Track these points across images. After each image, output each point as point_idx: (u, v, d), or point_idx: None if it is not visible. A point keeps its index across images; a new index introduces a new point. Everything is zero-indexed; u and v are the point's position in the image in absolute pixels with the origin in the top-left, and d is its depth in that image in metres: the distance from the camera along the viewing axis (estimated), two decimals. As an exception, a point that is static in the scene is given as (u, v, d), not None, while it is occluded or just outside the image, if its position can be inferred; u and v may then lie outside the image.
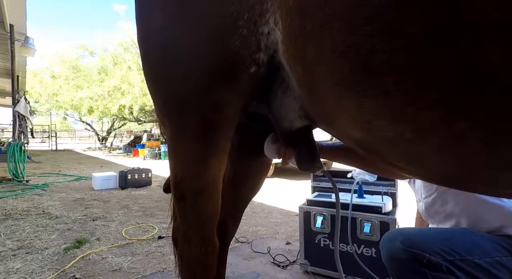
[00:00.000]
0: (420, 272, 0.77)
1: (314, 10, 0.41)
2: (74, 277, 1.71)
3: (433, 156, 0.40)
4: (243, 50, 0.56)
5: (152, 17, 0.68)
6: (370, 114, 0.41)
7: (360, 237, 1.57)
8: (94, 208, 3.40)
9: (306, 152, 0.73)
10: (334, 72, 0.41)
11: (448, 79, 0.32)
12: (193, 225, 0.79)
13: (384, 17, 0.33)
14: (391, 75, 0.36)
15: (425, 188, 1.03)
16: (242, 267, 1.85)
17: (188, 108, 0.67)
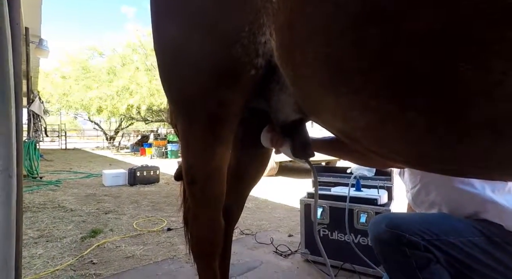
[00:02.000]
0: (400, 250, 0.88)
1: (300, 26, 0.52)
2: (91, 262, 1.86)
3: (395, 139, 0.51)
4: (244, 56, 0.67)
5: (167, 28, 0.79)
6: (345, 108, 0.52)
7: (357, 227, 1.67)
8: (105, 202, 3.56)
9: (299, 141, 0.84)
10: (316, 75, 0.53)
11: (398, 80, 0.43)
12: (202, 206, 0.91)
13: (350, 33, 0.45)
14: (359, 77, 0.47)
15: (411, 179, 1.14)
16: (246, 256, 1.98)
17: (197, 106, 0.79)
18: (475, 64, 0.35)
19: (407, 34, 0.39)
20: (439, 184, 1.02)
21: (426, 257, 0.85)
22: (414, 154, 0.54)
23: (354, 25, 0.44)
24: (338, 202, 1.74)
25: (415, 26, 0.38)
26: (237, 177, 1.15)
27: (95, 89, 10.60)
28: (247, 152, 1.13)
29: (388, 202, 1.75)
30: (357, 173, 1.77)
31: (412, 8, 0.37)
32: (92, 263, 1.86)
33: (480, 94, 0.37)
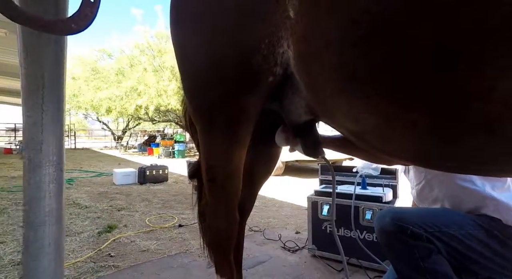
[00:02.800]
0: (404, 241, 0.95)
1: (316, 39, 0.59)
2: (109, 255, 1.96)
3: (400, 138, 0.58)
4: (264, 65, 0.73)
5: (192, 39, 0.84)
6: (356, 111, 0.60)
7: (362, 223, 1.74)
8: (117, 200, 3.68)
9: (310, 141, 0.92)
10: (331, 82, 0.60)
11: (403, 87, 0.51)
12: (221, 202, 0.99)
13: (362, 46, 0.52)
14: (368, 84, 0.54)
15: (415, 177, 1.20)
16: (255, 251, 2.05)
17: (219, 110, 0.85)
18: (470, 72, 0.42)
19: (410, 47, 0.46)
20: (441, 181, 1.09)
21: (428, 247, 0.92)
22: (417, 152, 0.61)
23: (365, 39, 0.50)
24: (344, 199, 1.81)
25: (418, 40, 0.45)
26: (249, 174, 1.22)
27: (104, 89, 10.81)
28: (258, 151, 1.21)
29: (393, 200, 1.81)
30: (363, 172, 1.84)
31: (415, 25, 0.45)
32: (110, 255, 1.96)
33: (474, 98, 0.44)
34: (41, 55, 0.56)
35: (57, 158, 0.64)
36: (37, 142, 0.60)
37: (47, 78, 0.58)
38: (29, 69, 0.58)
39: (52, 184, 0.63)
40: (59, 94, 0.62)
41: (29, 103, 0.60)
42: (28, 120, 0.60)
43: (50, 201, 0.63)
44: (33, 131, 0.60)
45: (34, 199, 0.62)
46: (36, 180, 0.62)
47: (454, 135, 0.50)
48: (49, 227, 0.61)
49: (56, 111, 0.62)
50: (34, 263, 0.57)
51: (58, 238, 0.63)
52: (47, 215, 0.62)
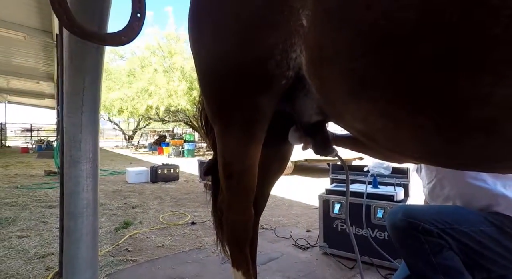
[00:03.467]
0: (415, 237, 0.97)
1: (327, 46, 0.63)
2: (127, 250, 2.05)
3: (407, 137, 0.62)
4: (277, 69, 0.78)
5: (212, 48, 0.89)
6: (365, 113, 0.64)
7: (374, 222, 1.76)
8: (131, 198, 3.79)
9: (320, 140, 0.96)
10: (341, 86, 0.64)
11: (409, 91, 0.54)
12: (237, 197, 1.04)
13: (371, 53, 0.56)
14: (376, 88, 0.58)
15: (427, 175, 1.22)
16: (267, 248, 2.10)
17: (236, 110, 0.91)
18: (470, 79, 0.46)
19: (415, 56, 0.50)
20: (453, 179, 1.11)
21: (439, 243, 0.94)
22: (423, 152, 0.64)
23: (373, 49, 0.55)
24: (355, 198, 1.83)
25: (423, 50, 0.49)
26: (262, 172, 1.27)
27: (116, 90, 11.05)
28: (271, 150, 1.25)
29: (404, 198, 1.82)
30: (374, 171, 1.86)
31: (419, 36, 0.49)
32: (128, 250, 2.04)
33: (475, 101, 0.48)
34: (84, 61, 0.62)
35: (93, 155, 0.70)
36: (77, 140, 0.66)
37: (87, 82, 0.64)
38: (73, 74, 0.64)
39: (89, 179, 0.69)
40: (96, 96, 0.68)
41: (71, 105, 0.66)
42: (69, 120, 0.66)
43: (88, 194, 0.69)
44: (73, 131, 0.66)
45: (73, 192, 0.68)
46: (75, 175, 0.69)
47: (457, 135, 0.53)
48: (87, 218, 0.67)
49: (93, 112, 0.68)
50: (74, 251, 0.63)
51: (94, 229, 0.69)
52: (85, 207, 0.68)
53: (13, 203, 3.28)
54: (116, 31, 0.58)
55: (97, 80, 0.67)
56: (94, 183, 0.70)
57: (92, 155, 0.69)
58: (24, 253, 1.95)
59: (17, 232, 2.35)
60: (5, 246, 2.05)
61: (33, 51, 7.67)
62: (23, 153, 11.59)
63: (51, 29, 5.62)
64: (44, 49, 7.53)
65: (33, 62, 8.81)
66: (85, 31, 0.53)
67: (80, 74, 0.62)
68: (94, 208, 0.70)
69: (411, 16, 0.48)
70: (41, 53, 7.91)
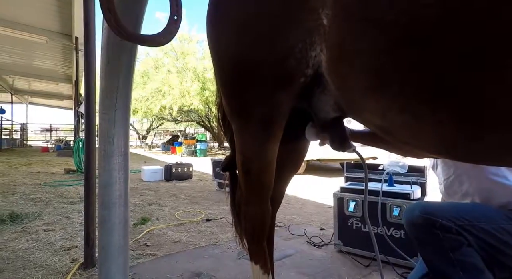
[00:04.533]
0: (434, 233, 0.97)
1: (348, 45, 0.65)
2: (145, 245, 2.12)
3: (426, 133, 0.63)
4: (296, 67, 0.80)
5: (233, 47, 0.91)
6: (384, 109, 0.65)
7: (390, 220, 1.75)
8: (147, 195, 3.89)
9: (338, 136, 0.97)
10: (361, 83, 0.66)
11: (429, 88, 0.55)
12: (255, 192, 1.07)
13: (392, 52, 0.58)
14: (397, 85, 0.60)
15: (444, 171, 1.21)
16: (281, 245, 2.12)
17: (255, 107, 0.93)
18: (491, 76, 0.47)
19: (436, 54, 0.52)
20: (472, 175, 1.10)
21: (458, 240, 0.94)
22: (443, 147, 0.65)
23: (393, 47, 0.56)
24: (371, 196, 1.83)
25: (443, 48, 0.51)
26: (278, 168, 1.29)
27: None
28: (287, 146, 1.28)
29: (421, 197, 1.81)
30: (390, 170, 1.85)
31: (440, 34, 0.50)
32: (146, 245, 2.11)
33: (495, 97, 0.49)
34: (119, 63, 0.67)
35: (125, 150, 0.75)
36: (110, 135, 0.71)
37: (121, 82, 0.69)
38: (109, 74, 0.69)
39: (121, 171, 0.74)
40: (128, 95, 0.73)
41: (106, 102, 0.72)
42: (103, 116, 0.72)
43: (120, 186, 0.75)
44: (107, 126, 0.71)
45: (108, 184, 0.73)
46: (109, 168, 0.74)
47: (477, 132, 0.54)
48: (119, 208, 0.72)
49: (125, 109, 0.73)
50: (108, 238, 0.68)
51: (125, 218, 0.74)
52: (118, 198, 0.73)
53: (38, 199, 3.44)
54: (156, 33, 0.62)
55: (129, 80, 0.72)
56: (125, 175, 0.75)
57: (124, 150, 0.74)
58: (51, 245, 2.06)
59: (43, 226, 2.47)
60: (33, 239, 2.16)
61: (53, 54, 7.99)
62: (43, 152, 12.07)
63: (71, 33, 5.85)
64: (63, 52, 7.83)
65: (53, 65, 9.18)
66: (129, 33, 0.57)
67: (115, 75, 0.67)
68: (126, 199, 0.75)
69: (433, 13, 0.50)
70: (61, 56, 8.23)
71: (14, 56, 8.38)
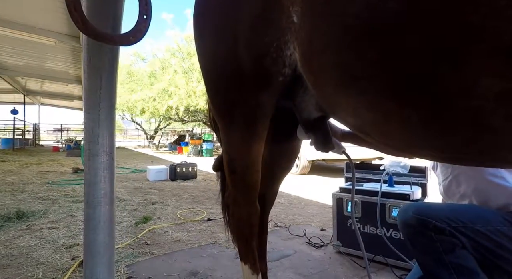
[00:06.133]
0: (426, 235, 0.95)
1: (316, 41, 0.64)
2: (146, 243, 2.14)
3: (396, 131, 0.61)
4: (274, 66, 0.80)
5: (214, 49, 0.93)
6: (355, 106, 0.64)
7: (389, 221, 1.72)
8: (151, 195, 3.94)
9: (321, 136, 0.96)
10: (330, 80, 0.65)
11: (395, 83, 0.53)
12: (242, 192, 1.06)
13: (355, 47, 0.56)
14: (363, 81, 0.58)
15: (442, 172, 1.18)
16: (280, 245, 2.11)
17: (238, 107, 0.93)
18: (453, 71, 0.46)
19: (398, 48, 0.50)
20: (470, 176, 1.07)
21: (452, 242, 0.92)
22: (416, 145, 0.63)
23: (357, 41, 0.55)
24: (370, 197, 1.80)
25: (405, 42, 0.49)
26: (270, 168, 1.28)
27: (138, 91, 11.50)
28: (278, 145, 1.27)
29: (421, 198, 1.77)
30: (390, 170, 1.82)
31: (401, 28, 0.49)
32: (146, 244, 2.14)
33: (458, 93, 0.47)
34: (101, 61, 0.67)
35: (110, 149, 0.76)
36: (95, 135, 0.72)
37: (104, 80, 0.70)
38: (91, 73, 0.70)
39: (106, 170, 0.75)
40: (112, 94, 0.74)
41: (90, 102, 0.72)
42: (88, 116, 0.72)
43: (105, 185, 0.75)
44: (92, 126, 0.72)
45: (92, 183, 0.74)
46: (94, 167, 0.75)
47: (445, 128, 0.52)
48: (104, 207, 0.73)
49: (110, 109, 0.74)
50: (93, 236, 0.69)
51: (110, 217, 0.74)
52: (102, 196, 0.74)
53: (45, 198, 3.52)
54: (124, 32, 0.63)
55: (112, 78, 0.73)
56: (110, 174, 0.76)
57: (109, 149, 0.75)
58: (53, 243, 2.10)
59: (48, 224, 2.53)
60: (37, 236, 2.22)
61: (63, 55, 8.17)
62: (54, 151, 12.36)
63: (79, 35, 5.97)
64: (72, 54, 8.00)
65: (63, 66, 9.39)
66: (97, 32, 0.58)
67: (98, 73, 0.68)
68: (111, 198, 0.75)
69: (394, 6, 0.48)
70: (70, 57, 8.41)
71: (27, 58, 8.61)
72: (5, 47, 7.57)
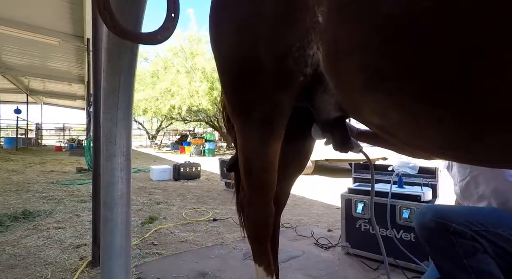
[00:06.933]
0: (447, 238, 0.93)
1: (343, 42, 0.63)
2: (153, 243, 2.13)
3: (426, 131, 0.60)
4: (295, 66, 0.79)
5: (234, 48, 0.91)
6: (382, 107, 0.62)
7: (399, 222, 1.70)
8: (155, 194, 3.93)
9: (339, 136, 0.95)
10: (357, 80, 0.63)
11: (427, 84, 0.52)
12: (257, 193, 1.05)
13: (386, 47, 0.54)
14: (393, 82, 0.57)
15: (459, 172, 1.17)
16: (288, 246, 2.10)
17: (255, 107, 0.92)
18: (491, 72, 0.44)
19: (431, 48, 0.49)
20: (489, 176, 1.05)
21: (473, 246, 0.90)
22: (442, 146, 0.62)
23: (388, 42, 0.54)
24: (380, 198, 1.78)
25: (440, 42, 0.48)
26: (283, 168, 1.27)
27: (141, 91, 11.51)
28: (291, 146, 1.26)
29: (432, 199, 1.75)
30: (399, 171, 1.80)
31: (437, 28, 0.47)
32: (153, 244, 2.13)
33: (498, 93, 0.45)
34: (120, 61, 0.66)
35: (127, 150, 0.75)
36: (112, 135, 0.71)
37: (122, 80, 0.68)
38: (110, 73, 0.69)
39: (123, 171, 0.74)
40: (130, 94, 0.73)
41: (108, 102, 0.71)
42: (105, 116, 0.71)
43: (122, 186, 0.74)
44: (109, 126, 0.71)
45: (109, 183, 0.73)
46: (111, 167, 0.74)
47: (477, 131, 0.51)
48: (121, 208, 0.72)
49: (127, 109, 0.73)
50: (110, 238, 0.68)
51: (127, 218, 0.73)
52: (120, 197, 0.73)
53: (50, 197, 3.52)
54: (152, 31, 0.62)
55: (131, 78, 0.72)
56: (127, 175, 0.75)
57: (126, 149, 0.74)
58: (61, 243, 2.10)
59: (54, 223, 2.53)
60: (44, 236, 2.21)
61: (66, 55, 8.19)
62: (57, 151, 12.38)
63: (83, 34, 5.98)
64: (76, 53, 8.02)
65: (66, 66, 9.41)
66: (126, 31, 0.57)
67: (117, 73, 0.67)
68: (128, 199, 0.74)
69: (429, 5, 0.47)
70: (74, 57, 8.43)
71: (30, 58, 8.64)
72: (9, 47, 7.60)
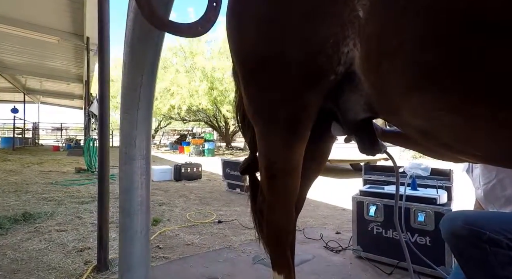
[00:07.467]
0: (480, 247, 0.88)
1: (389, 37, 0.58)
2: (158, 247, 2.08)
3: (480, 136, 0.55)
4: (327, 64, 0.73)
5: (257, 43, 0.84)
6: (430, 108, 0.57)
7: (414, 226, 1.66)
8: (157, 195, 3.87)
9: (367, 139, 0.90)
10: (402, 80, 0.58)
11: (490, 84, 0.47)
12: (281, 198, 1.00)
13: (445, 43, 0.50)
14: (449, 81, 0.51)
15: (483, 175, 1.13)
16: (297, 249, 2.02)
17: (281, 107, 0.86)
18: None
19: (501, 44, 0.44)
20: (515, 180, 1.01)
21: (509, 255, 0.85)
22: (498, 152, 0.57)
23: (447, 37, 0.49)
24: (392, 200, 1.74)
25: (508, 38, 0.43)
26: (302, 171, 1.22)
27: (140, 91, 11.41)
28: (310, 147, 1.21)
29: (448, 202, 1.71)
30: (411, 173, 1.76)
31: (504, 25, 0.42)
32: (159, 247, 2.07)
33: None
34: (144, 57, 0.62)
35: (147, 153, 0.70)
36: (132, 137, 0.66)
37: (145, 78, 0.64)
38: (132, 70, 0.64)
39: (143, 176, 0.69)
40: (151, 93, 0.68)
41: (128, 101, 0.66)
42: (125, 116, 0.66)
43: (142, 191, 0.69)
44: (129, 127, 0.66)
45: (129, 189, 0.68)
46: (131, 171, 0.69)
47: None
48: (141, 216, 0.67)
49: (148, 110, 0.68)
50: (129, 248, 0.63)
51: (147, 226, 0.69)
52: (140, 204, 0.68)
53: (50, 198, 3.45)
54: (192, 22, 0.57)
55: (153, 76, 0.67)
56: (147, 180, 0.70)
57: (146, 153, 0.69)
58: (63, 246, 2.04)
59: (55, 226, 2.46)
60: (46, 239, 2.15)
61: (65, 54, 8.09)
62: (54, 150, 12.25)
63: (82, 33, 5.89)
64: (75, 52, 7.92)
65: (65, 65, 9.31)
66: (164, 22, 0.52)
67: (139, 71, 0.62)
68: (147, 205, 0.70)
69: None
70: (72, 56, 8.33)
71: (27, 57, 8.53)
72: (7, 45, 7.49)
